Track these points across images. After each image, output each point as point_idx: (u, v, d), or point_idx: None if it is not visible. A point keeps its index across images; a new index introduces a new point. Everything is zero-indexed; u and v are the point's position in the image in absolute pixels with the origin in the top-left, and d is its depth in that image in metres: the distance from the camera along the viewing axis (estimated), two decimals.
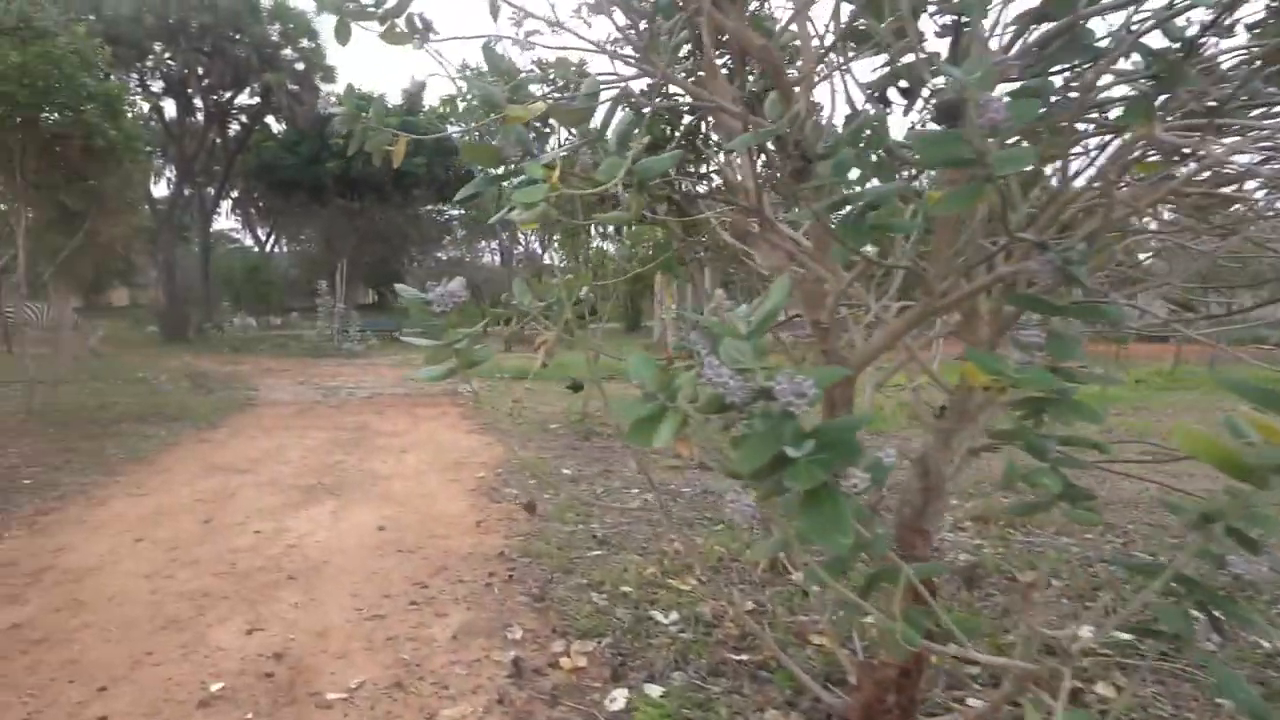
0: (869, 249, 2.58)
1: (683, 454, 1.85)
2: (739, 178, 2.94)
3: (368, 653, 3.87)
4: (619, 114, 2.51)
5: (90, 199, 11.12)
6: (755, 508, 1.85)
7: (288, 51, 30.83)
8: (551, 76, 3.15)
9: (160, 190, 34.04)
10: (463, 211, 39.94)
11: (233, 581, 4.83)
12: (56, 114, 10.22)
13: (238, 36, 28.95)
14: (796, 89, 2.42)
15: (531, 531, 5.81)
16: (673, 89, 3.16)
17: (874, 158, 2.15)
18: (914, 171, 2.55)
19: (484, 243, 52.74)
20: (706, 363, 1.55)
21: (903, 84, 2.35)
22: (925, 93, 2.34)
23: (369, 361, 22.19)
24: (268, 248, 55.46)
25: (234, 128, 34.38)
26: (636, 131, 2.42)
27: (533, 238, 53.29)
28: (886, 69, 2.37)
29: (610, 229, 17.40)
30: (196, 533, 5.83)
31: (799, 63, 2.78)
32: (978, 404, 2.72)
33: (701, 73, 3.11)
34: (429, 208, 36.98)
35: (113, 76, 30.51)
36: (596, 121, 2.49)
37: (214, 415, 11.52)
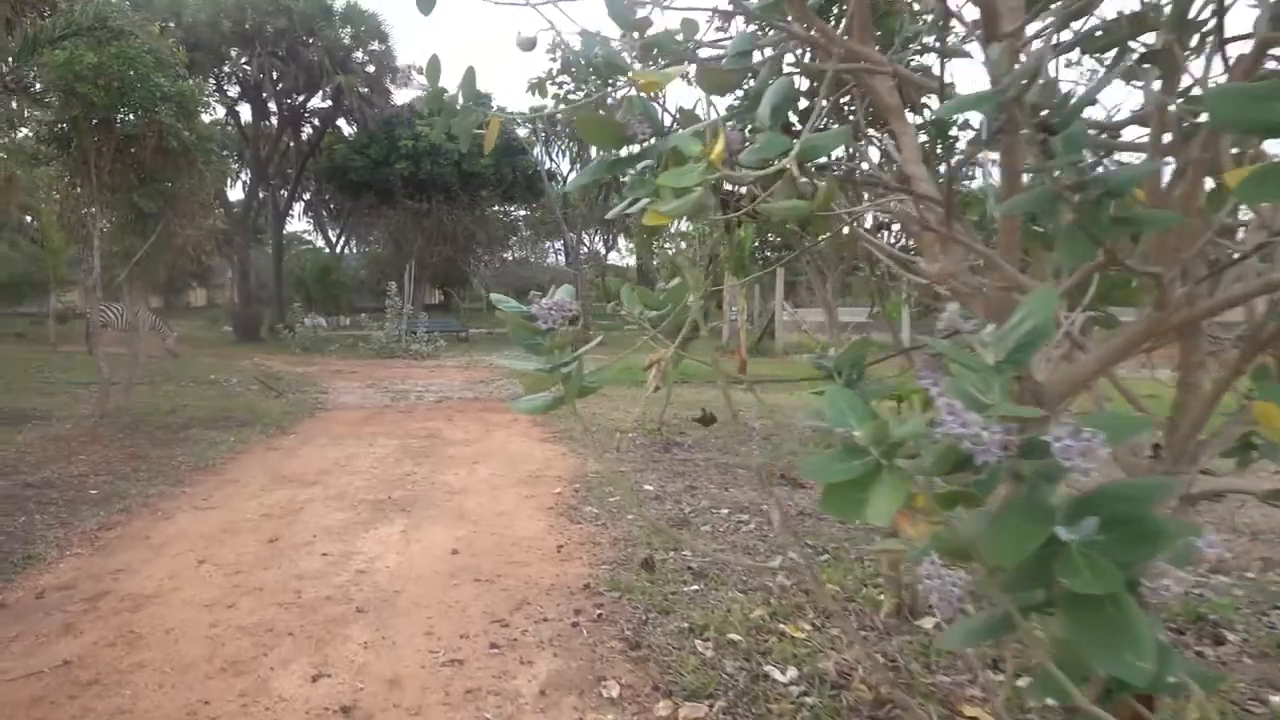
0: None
1: (909, 533, 1.34)
2: (906, 161, 2.39)
3: (445, 709, 3.40)
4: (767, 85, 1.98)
5: (164, 201, 10.98)
6: (964, 592, 1.32)
7: (359, 54, 31.03)
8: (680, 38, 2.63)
9: (235, 194, 34.64)
10: (527, 212, 39.82)
11: (298, 614, 4.42)
12: (131, 115, 10.08)
13: (310, 40, 29.18)
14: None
15: (618, 559, 5.31)
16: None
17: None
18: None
19: (548, 243, 52.83)
20: (943, 405, 1.02)
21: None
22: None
23: (437, 363, 22.03)
24: (338, 249, 56.33)
25: (306, 131, 34.77)
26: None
27: (596, 238, 53.22)
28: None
29: (685, 225, 16.83)
30: (261, 554, 5.46)
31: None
32: (1199, 443, 2.14)
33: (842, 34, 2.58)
34: (495, 208, 36.92)
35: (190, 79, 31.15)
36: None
37: (284, 420, 11.30)
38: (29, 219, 27.74)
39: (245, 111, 32.91)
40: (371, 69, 31.13)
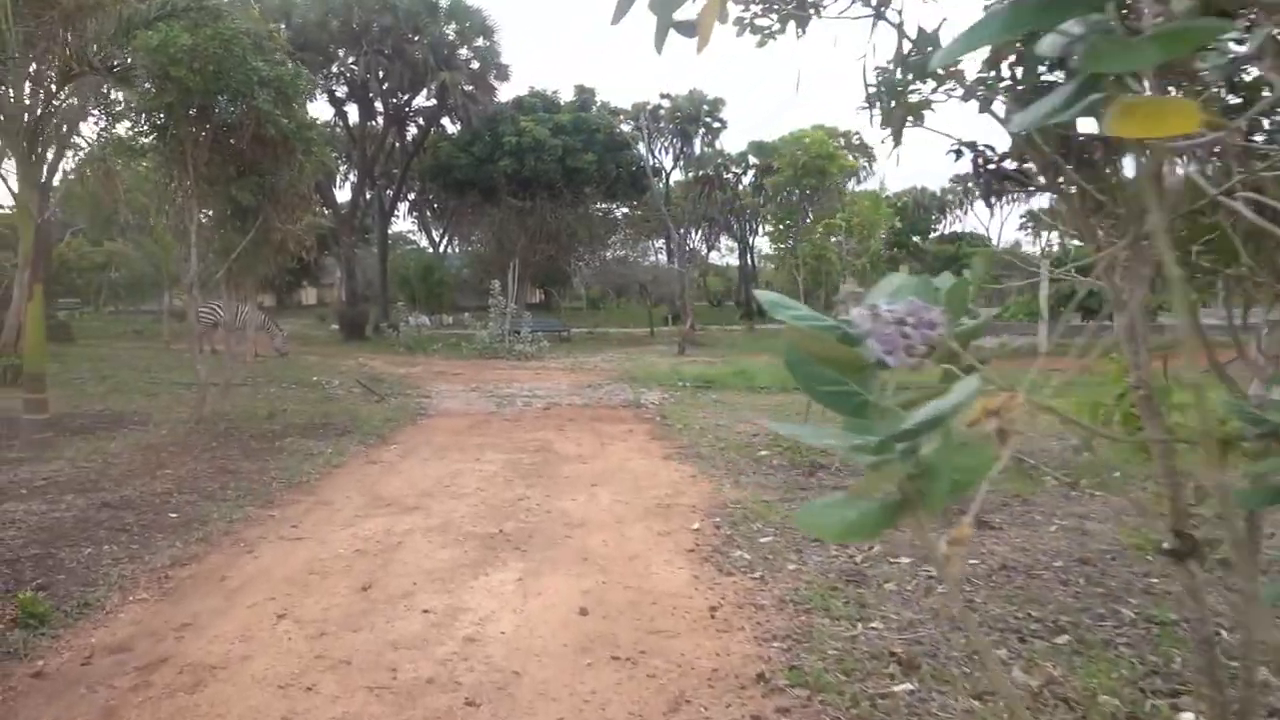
0: None
1: None
2: None
3: None
4: None
5: (262, 194, 10.30)
6: None
7: (463, 51, 30.60)
8: None
9: (343, 195, 34.72)
10: (628, 210, 38.89)
11: (392, 706, 3.40)
12: (228, 100, 9.39)
13: (416, 38, 28.86)
14: None
15: (793, 632, 4.14)
16: None
17: None
18: None
19: (646, 242, 51.82)
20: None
21: None
22: None
23: (541, 365, 21.21)
24: (441, 248, 56.64)
25: (411, 131, 34.63)
26: None
27: (697, 236, 51.97)
28: None
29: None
30: (352, 608, 4.48)
31: None
32: None
33: None
34: (598, 206, 36.11)
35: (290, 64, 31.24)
36: None
37: (384, 428, 10.51)
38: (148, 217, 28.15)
39: (352, 113, 32.99)
40: (476, 65, 30.65)
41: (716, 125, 49.45)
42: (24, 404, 8.62)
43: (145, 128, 9.77)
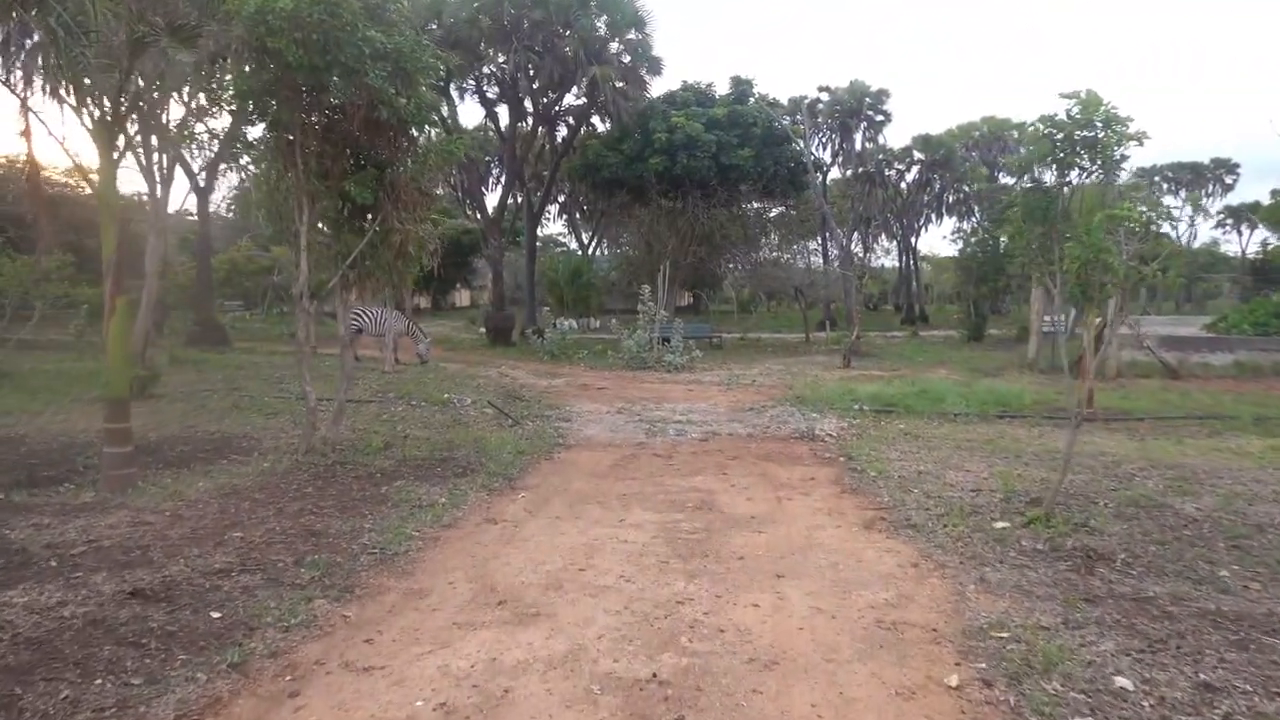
0: None
1: None
2: None
3: None
4: None
5: (380, 189, 8.74)
6: None
7: (614, 45, 29.01)
8: None
9: (492, 198, 33.93)
10: (782, 209, 36.29)
11: None
12: (337, 78, 7.81)
13: (567, 32, 27.48)
14: None
15: None
16: None
17: None
18: None
19: (801, 243, 48.97)
20: None
21: None
22: None
23: (694, 378, 19.19)
24: (591, 250, 55.73)
25: (561, 132, 33.42)
26: None
27: (854, 237, 48.82)
28: None
29: None
30: None
31: None
32: None
33: None
34: (754, 205, 33.74)
35: (454, 85, 30.33)
36: None
37: (513, 465, 8.75)
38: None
39: (502, 116, 32.05)
40: (627, 59, 28.99)
41: (879, 119, 46.29)
42: (106, 434, 7.31)
43: (251, 114, 8.34)
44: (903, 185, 50.45)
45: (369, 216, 8.98)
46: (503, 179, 35.28)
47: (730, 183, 29.20)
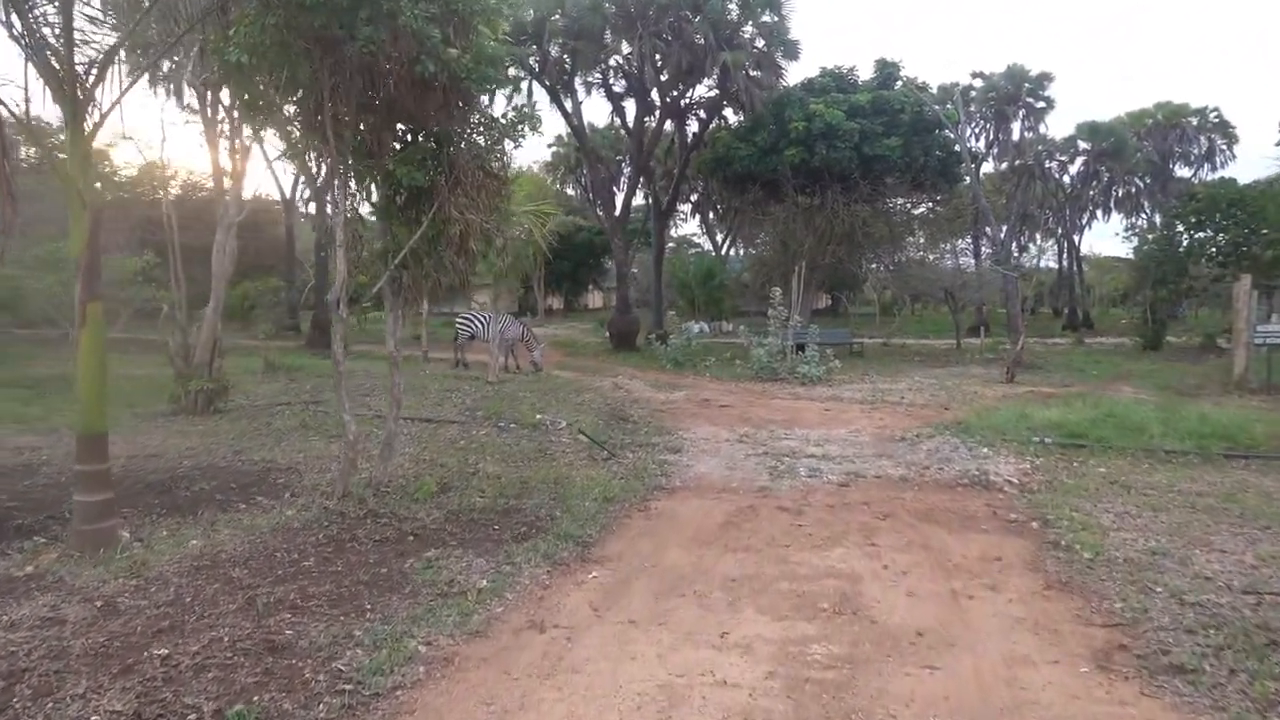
0: None
1: None
2: None
3: None
4: None
5: (436, 167, 6.91)
6: None
7: (747, 29, 26.68)
8: None
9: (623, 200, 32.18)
10: (929, 204, 32.80)
11: None
12: (363, 17, 5.96)
13: (696, 17, 25.38)
14: None
15: None
16: None
17: None
18: None
19: (951, 242, 44.82)
20: None
21: None
22: None
23: (831, 392, 16.70)
24: (724, 251, 53.44)
25: (692, 127, 31.40)
26: None
27: (1007, 234, 44.49)
28: None
29: None
30: None
31: None
32: None
33: None
34: (898, 201, 30.57)
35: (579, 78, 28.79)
36: None
37: (594, 522, 6.71)
38: None
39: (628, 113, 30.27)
40: (761, 44, 26.64)
41: (1040, 105, 41.97)
42: (77, 479, 5.74)
43: (258, 77, 6.61)
44: (1064, 178, 45.75)
45: (425, 205, 7.13)
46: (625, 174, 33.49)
47: (874, 175, 26.36)
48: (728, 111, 30.26)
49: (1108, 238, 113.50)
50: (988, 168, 44.81)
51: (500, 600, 5.00)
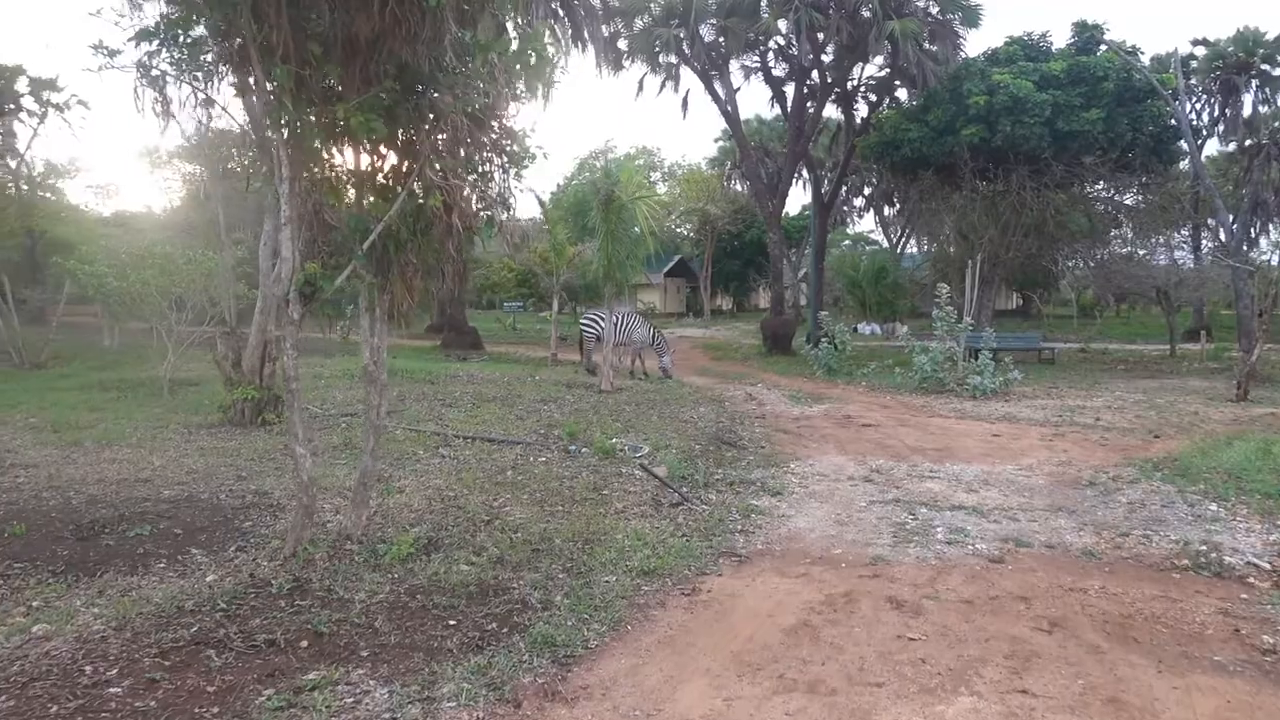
0: None
1: None
2: None
3: None
4: None
5: (407, 119, 5.03)
6: None
7: None
8: None
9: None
10: (1141, 189, 27.81)
11: None
12: None
13: None
14: None
15: None
16: None
17: None
18: None
19: (1165, 233, 38.64)
20: None
21: None
22: None
23: (1006, 409, 13.66)
24: (900, 246, 49.48)
25: (859, 111, 28.41)
26: None
27: (1234, 224, 37.99)
28: None
29: None
30: None
31: None
32: None
33: None
34: (1100, 187, 26.10)
35: (734, 62, 26.52)
36: None
37: (595, 620, 4.52)
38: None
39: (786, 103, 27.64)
40: (935, 9, 23.38)
41: (1278, 74, 35.64)
42: None
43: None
44: None
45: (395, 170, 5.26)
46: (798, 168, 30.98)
47: (1069, 154, 22.46)
48: (900, 93, 27.12)
49: None
50: (1211, 148, 38.69)
51: None
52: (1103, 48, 23.47)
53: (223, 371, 10.05)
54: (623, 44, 26.35)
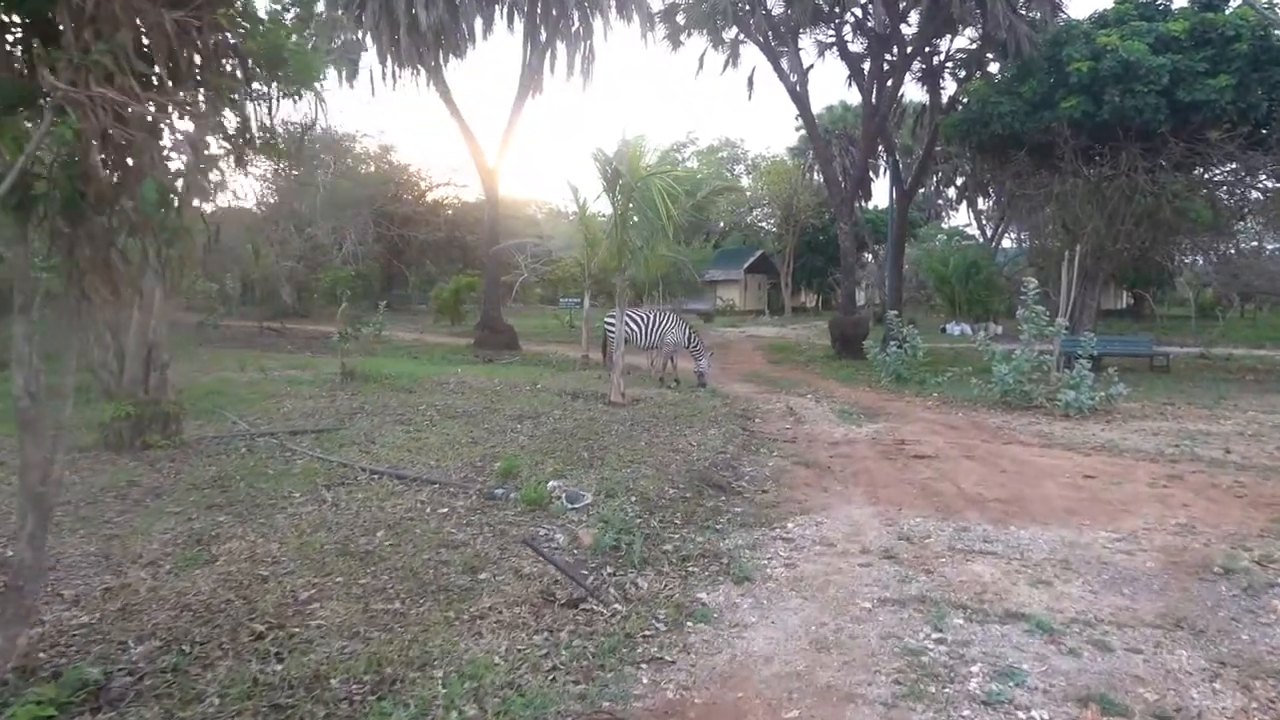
0: None
1: None
2: None
3: None
4: None
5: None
6: None
7: None
8: None
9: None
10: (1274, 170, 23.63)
11: None
12: None
13: None
14: None
15: None
16: None
17: None
18: None
19: None
20: None
21: None
22: None
23: (1106, 435, 10.76)
24: (996, 241, 45.58)
25: (947, 90, 25.29)
26: None
27: None
28: None
29: None
30: None
31: None
32: None
33: None
34: (1228, 168, 22.20)
35: (805, 35, 23.88)
36: None
37: None
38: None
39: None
40: None
41: None
42: None
43: None
44: None
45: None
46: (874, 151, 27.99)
47: (1191, 130, 18.91)
48: (991, 67, 23.90)
49: None
50: None
51: None
52: (1235, 2, 19.80)
53: (100, 382, 8.12)
54: (680, 18, 24.01)
